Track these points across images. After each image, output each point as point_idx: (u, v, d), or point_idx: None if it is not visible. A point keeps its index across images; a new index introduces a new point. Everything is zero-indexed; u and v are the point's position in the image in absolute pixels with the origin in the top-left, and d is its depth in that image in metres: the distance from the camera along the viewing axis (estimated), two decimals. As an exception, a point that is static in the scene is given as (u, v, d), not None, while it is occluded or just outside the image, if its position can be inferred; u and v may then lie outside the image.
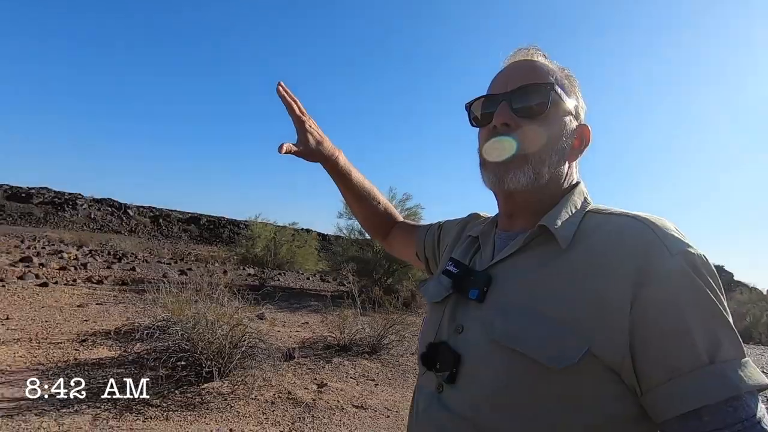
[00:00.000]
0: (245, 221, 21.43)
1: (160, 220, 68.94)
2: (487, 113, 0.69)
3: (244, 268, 17.17)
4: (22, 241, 18.84)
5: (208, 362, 3.80)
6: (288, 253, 17.95)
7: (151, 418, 3.09)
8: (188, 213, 75.36)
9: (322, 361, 5.00)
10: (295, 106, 0.95)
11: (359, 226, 14.42)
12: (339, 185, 1.04)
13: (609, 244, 0.57)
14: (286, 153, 0.91)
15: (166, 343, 4.10)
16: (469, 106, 0.74)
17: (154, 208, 73.19)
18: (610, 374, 0.53)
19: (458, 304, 0.67)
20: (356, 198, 1.05)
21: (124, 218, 65.60)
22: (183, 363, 3.95)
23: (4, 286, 7.68)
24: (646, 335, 0.52)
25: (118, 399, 3.33)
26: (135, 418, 3.06)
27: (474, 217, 0.90)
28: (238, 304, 4.71)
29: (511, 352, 0.55)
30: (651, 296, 0.52)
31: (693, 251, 0.54)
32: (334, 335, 5.76)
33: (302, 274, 18.96)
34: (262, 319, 6.59)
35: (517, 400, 0.54)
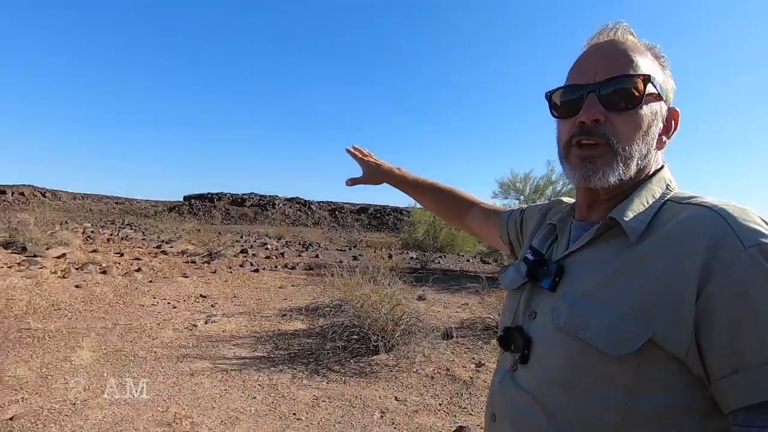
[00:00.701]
0: (407, 208, 22.69)
1: (336, 212, 78.47)
2: (571, 104, 0.66)
3: (407, 252, 18.29)
4: (241, 237, 23.93)
5: (375, 337, 4.29)
6: (448, 236, 18.37)
7: (333, 381, 3.69)
8: (358, 204, 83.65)
9: (480, 342, 5.08)
10: (358, 154, 1.23)
11: (516, 204, 13.79)
12: (405, 191, 1.21)
13: (679, 235, 0.55)
14: (352, 185, 1.18)
15: (342, 320, 4.78)
16: (549, 96, 0.71)
17: (331, 202, 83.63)
18: (676, 364, 0.52)
19: (533, 291, 0.70)
20: (421, 195, 1.19)
21: (309, 213, 76.83)
22: (355, 337, 4.56)
23: (231, 272, 10.00)
24: (712, 328, 0.50)
25: (309, 362, 4.08)
26: (321, 379, 3.70)
27: (556, 202, 0.87)
28: (400, 286, 5.15)
29: (574, 340, 0.57)
30: (718, 289, 0.50)
31: None
32: (492, 317, 5.75)
33: (462, 256, 19.17)
34: (422, 300, 7.01)
35: (579, 384, 0.56)
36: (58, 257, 9.44)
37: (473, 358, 4.48)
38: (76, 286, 6.83)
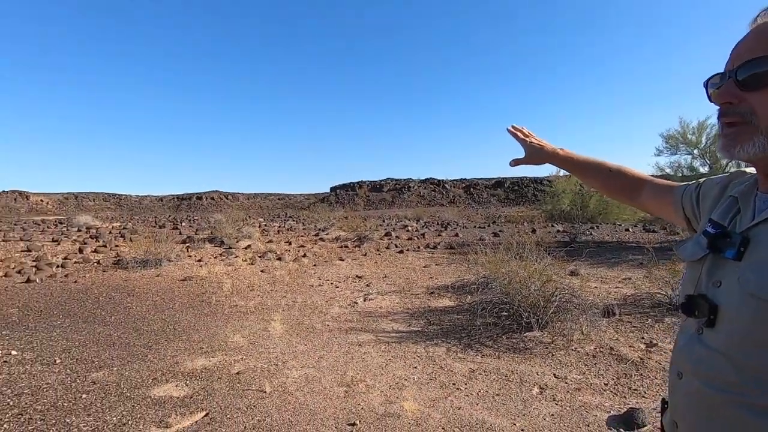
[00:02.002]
0: (547, 178, 21.09)
1: (471, 189, 77.13)
2: (715, 91, 0.71)
3: (552, 225, 17.08)
4: (383, 221, 25.49)
5: (526, 314, 4.23)
6: (599, 204, 16.54)
7: (486, 355, 3.79)
8: (493, 178, 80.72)
9: (650, 320, 4.56)
10: (519, 134, 1.24)
11: (688, 160, 11.59)
12: (569, 171, 1.21)
13: None
14: (516, 165, 1.22)
15: (489, 296, 4.82)
16: (706, 84, 0.75)
17: (464, 179, 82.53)
18: None
19: (715, 262, 0.72)
20: (588, 176, 1.16)
21: (443, 192, 77.20)
22: (505, 313, 4.56)
23: (379, 254, 10.83)
24: None
25: (461, 337, 4.26)
26: (475, 353, 3.84)
27: (737, 174, 0.84)
28: (549, 261, 4.93)
29: (763, 302, 0.60)
30: None
31: None
32: (663, 292, 5.08)
33: (620, 225, 17.04)
34: (575, 275, 6.55)
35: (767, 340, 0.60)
36: (245, 248, 11.53)
37: (642, 338, 4.06)
38: (262, 271, 8.30)
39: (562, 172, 16.85)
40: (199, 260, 9.51)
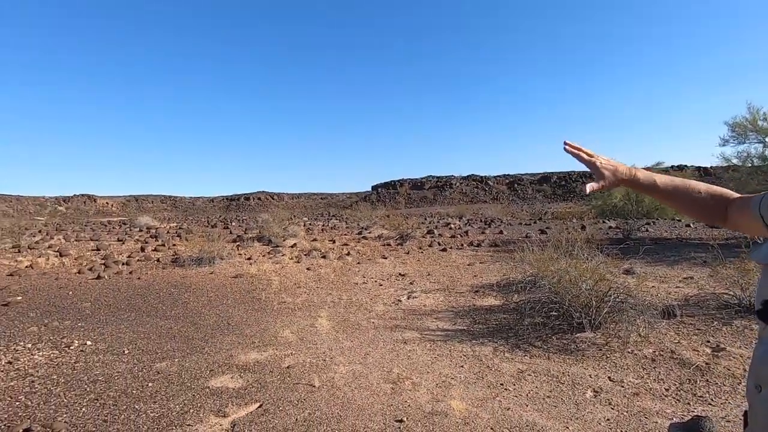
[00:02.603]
0: (597, 172, 20.09)
1: (515, 185, 75.02)
2: None
3: (603, 221, 16.28)
4: (425, 219, 25.38)
5: (577, 314, 4.07)
6: (655, 199, 15.55)
7: (535, 356, 3.69)
8: (538, 174, 78.04)
9: (716, 322, 4.24)
10: (582, 154, 1.08)
11: (758, 150, 10.63)
12: (651, 195, 1.08)
13: None
14: (591, 192, 1.07)
15: (538, 296, 4.68)
16: None
17: (508, 175, 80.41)
18: None
19: None
20: (671, 200, 1.04)
21: (486, 189, 75.62)
22: (555, 313, 4.41)
23: (422, 252, 10.80)
24: None
25: (508, 337, 4.17)
26: (523, 354, 3.74)
27: None
28: (601, 259, 4.72)
29: None
30: None
31: None
32: (731, 293, 4.71)
33: (679, 221, 15.95)
34: (630, 274, 6.22)
35: None
36: (291, 246, 11.89)
37: (707, 342, 3.79)
38: (307, 269, 8.53)
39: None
40: (249, 258, 9.91)
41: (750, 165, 11.04)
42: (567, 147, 1.11)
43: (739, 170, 11.51)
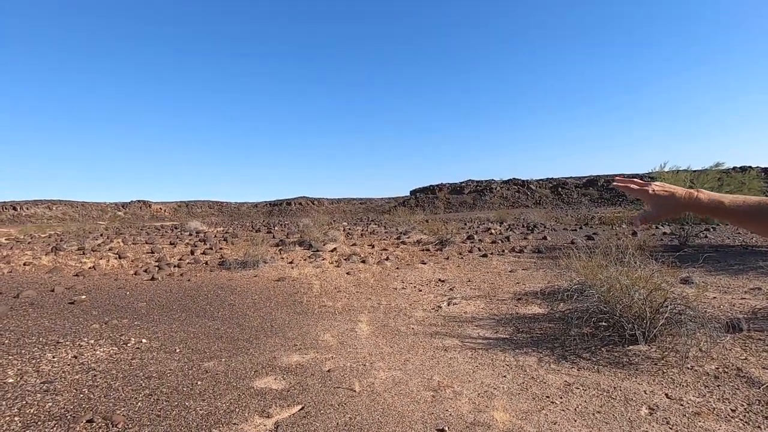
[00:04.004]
0: (649, 174, 19.02)
1: (559, 189, 72.39)
2: None
3: (657, 227, 15.35)
4: (464, 224, 25.00)
5: (630, 325, 3.84)
6: (715, 202, 14.51)
7: (583, 368, 3.51)
8: (584, 177, 74.95)
9: (790, 338, 3.87)
10: (631, 186, 1.00)
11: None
12: (719, 219, 0.96)
13: None
14: (643, 226, 0.98)
15: (585, 305, 4.46)
16: None
17: (551, 178, 77.80)
18: None
19: None
20: (747, 222, 0.90)
21: (528, 193, 73.48)
22: (604, 324, 4.19)
23: (462, 258, 10.63)
24: None
25: (554, 347, 4.00)
26: (570, 366, 3.58)
27: None
28: (655, 267, 4.44)
29: None
30: None
31: None
32: (807, 306, 4.29)
33: (743, 226, 14.75)
34: (688, 284, 5.82)
35: None
36: (331, 251, 12.07)
37: (780, 359, 3.46)
38: (347, 273, 8.62)
39: (668, 167, 15.13)
40: (291, 262, 10.16)
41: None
42: (616, 184, 1.03)
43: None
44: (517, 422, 2.69)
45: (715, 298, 5.46)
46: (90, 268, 9.62)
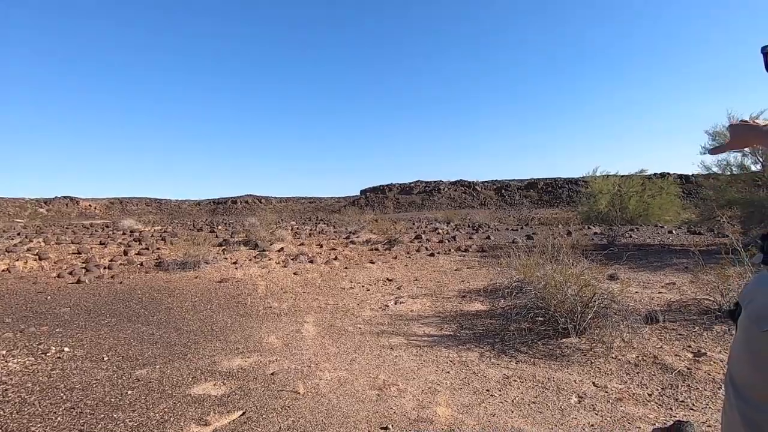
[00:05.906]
0: (583, 178, 20.41)
1: (503, 191, 75.74)
2: None
3: (589, 227, 16.51)
4: (413, 224, 25.39)
5: (563, 319, 4.09)
6: (639, 205, 15.92)
7: (521, 361, 3.69)
8: (525, 180, 78.96)
9: (697, 328, 4.32)
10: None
11: (737, 159, 10.90)
12: None
13: None
14: (717, 153, 1.09)
15: (524, 301, 4.70)
16: (764, 51, 0.71)
17: (496, 180, 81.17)
18: None
19: None
20: None
21: (474, 194, 76.18)
22: (540, 319, 4.44)
23: (410, 257, 10.79)
24: None
25: (494, 342, 4.17)
26: (509, 359, 3.75)
27: None
28: (586, 265, 4.77)
29: None
30: None
31: None
32: (712, 298, 4.80)
33: (662, 227, 16.26)
34: (614, 280, 6.31)
35: None
36: (278, 251, 11.77)
37: (689, 347, 3.85)
38: (294, 273, 8.45)
39: (599, 171, 16.30)
40: (235, 263, 9.79)
41: (729, 174, 11.32)
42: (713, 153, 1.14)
43: (719, 179, 11.81)
44: (458, 416, 2.77)
45: (636, 292, 5.97)
46: (4, 270, 8.67)
